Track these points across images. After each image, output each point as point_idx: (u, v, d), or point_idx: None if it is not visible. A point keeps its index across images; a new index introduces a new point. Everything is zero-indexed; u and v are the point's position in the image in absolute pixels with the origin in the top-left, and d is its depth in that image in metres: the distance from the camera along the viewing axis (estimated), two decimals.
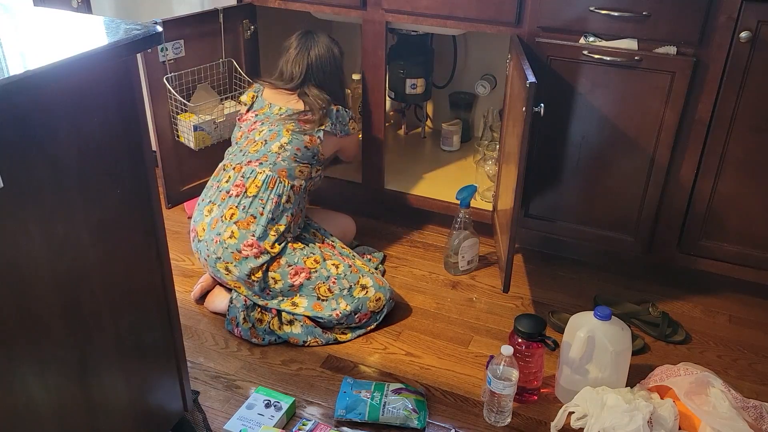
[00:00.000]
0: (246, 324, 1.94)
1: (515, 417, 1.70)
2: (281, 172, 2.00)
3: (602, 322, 1.64)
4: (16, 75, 0.95)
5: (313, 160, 2.08)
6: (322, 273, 1.94)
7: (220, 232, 1.93)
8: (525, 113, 1.69)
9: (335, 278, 1.94)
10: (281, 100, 2.14)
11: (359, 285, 1.95)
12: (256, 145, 2.05)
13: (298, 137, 2.06)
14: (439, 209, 2.37)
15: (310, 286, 1.93)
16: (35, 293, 1.10)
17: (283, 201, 1.98)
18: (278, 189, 1.98)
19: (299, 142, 2.05)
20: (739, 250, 2.00)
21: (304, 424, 1.65)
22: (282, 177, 2.00)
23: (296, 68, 2.13)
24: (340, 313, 1.92)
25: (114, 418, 1.35)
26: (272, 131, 2.06)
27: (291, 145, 2.04)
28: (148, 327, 1.40)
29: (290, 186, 2.01)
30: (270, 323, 1.94)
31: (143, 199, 1.29)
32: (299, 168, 2.04)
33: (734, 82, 1.82)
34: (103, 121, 1.16)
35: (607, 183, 2.06)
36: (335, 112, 2.13)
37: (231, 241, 1.91)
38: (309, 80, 2.14)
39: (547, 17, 1.95)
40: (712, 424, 1.50)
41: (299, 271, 1.93)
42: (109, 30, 1.16)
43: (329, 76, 2.17)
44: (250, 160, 2.02)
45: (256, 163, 2.01)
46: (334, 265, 1.97)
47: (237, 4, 2.32)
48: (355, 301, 1.93)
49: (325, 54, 2.15)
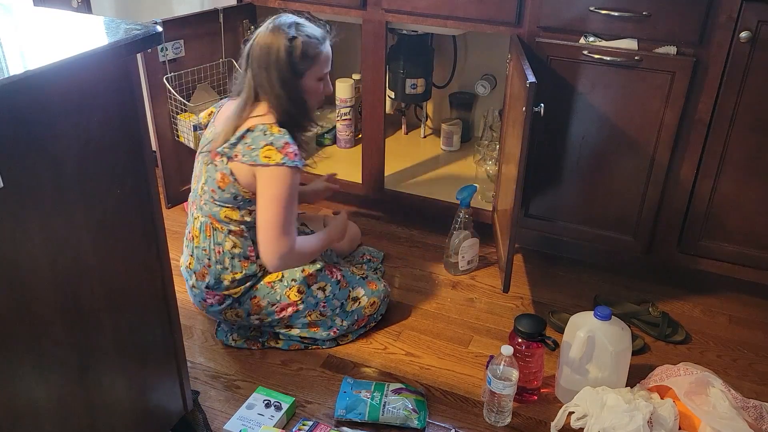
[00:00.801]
0: (239, 342, 1.91)
1: (515, 417, 1.70)
2: (210, 217, 1.72)
3: (602, 322, 1.64)
4: (16, 75, 0.95)
5: (237, 202, 1.68)
6: (310, 302, 1.83)
7: (188, 279, 1.86)
8: (525, 113, 1.69)
9: (324, 302, 1.84)
10: (224, 118, 1.72)
11: (350, 299, 1.88)
12: (194, 181, 1.80)
13: (211, 175, 1.68)
14: (439, 209, 2.37)
15: (301, 316, 1.84)
16: (35, 293, 1.10)
17: (228, 248, 1.72)
18: (216, 237, 1.73)
19: (212, 182, 1.68)
20: (739, 250, 2.00)
21: (304, 424, 1.65)
22: (215, 223, 1.72)
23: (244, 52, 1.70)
24: (337, 330, 1.89)
25: (114, 418, 1.35)
26: (199, 166, 1.76)
27: (207, 185, 1.70)
28: (147, 327, 1.40)
29: (227, 231, 1.71)
30: (266, 341, 1.91)
31: (143, 198, 1.29)
32: (224, 212, 1.69)
33: (734, 82, 1.82)
34: (103, 121, 1.16)
35: (607, 183, 2.06)
36: (244, 130, 1.62)
37: (195, 290, 1.83)
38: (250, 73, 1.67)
39: (547, 17, 1.95)
40: (712, 424, 1.50)
41: (285, 307, 1.82)
42: (109, 30, 1.16)
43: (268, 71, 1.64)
44: (193, 201, 1.80)
45: (195, 207, 1.78)
46: (320, 288, 1.84)
47: (237, 4, 2.32)
48: (350, 314, 1.89)
49: (269, 41, 1.62)
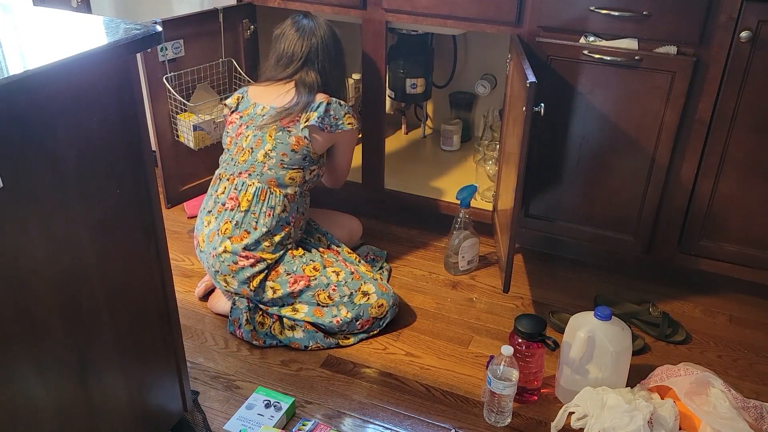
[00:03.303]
0: (248, 326, 1.92)
1: (515, 417, 1.70)
2: (270, 182, 1.90)
3: (602, 322, 1.64)
4: (16, 75, 0.95)
5: (304, 163, 1.93)
6: (322, 280, 1.90)
7: (216, 247, 1.90)
8: (525, 113, 1.69)
9: (335, 285, 1.91)
10: (268, 98, 1.97)
11: (360, 292, 1.92)
12: (244, 153, 1.94)
13: (283, 140, 1.90)
14: (439, 209, 2.37)
15: (310, 293, 1.90)
16: (35, 293, 1.10)
17: (278, 212, 1.90)
18: (270, 201, 1.89)
19: (284, 146, 1.90)
20: (740, 250, 2.00)
21: (304, 424, 1.65)
22: (273, 187, 1.90)
23: (298, 49, 1.95)
24: (340, 320, 1.90)
25: (113, 418, 1.35)
26: (257, 137, 1.93)
27: (275, 151, 1.90)
28: (147, 327, 1.40)
29: (283, 195, 1.90)
30: (271, 327, 1.93)
31: (143, 198, 1.29)
32: (289, 175, 1.91)
33: (734, 81, 1.82)
34: (102, 121, 1.16)
35: (608, 183, 2.06)
36: (325, 104, 1.91)
37: (226, 255, 1.88)
38: (309, 64, 1.96)
39: (548, 17, 1.95)
40: (712, 425, 1.50)
41: (298, 279, 1.90)
42: (109, 30, 1.16)
43: (333, 61, 2.00)
44: (241, 172, 1.92)
45: (245, 175, 1.92)
46: (335, 272, 1.92)
47: (237, 4, 2.32)
48: (356, 307, 1.90)
49: (329, 35, 1.98)
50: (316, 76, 1.96)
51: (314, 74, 1.96)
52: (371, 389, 1.79)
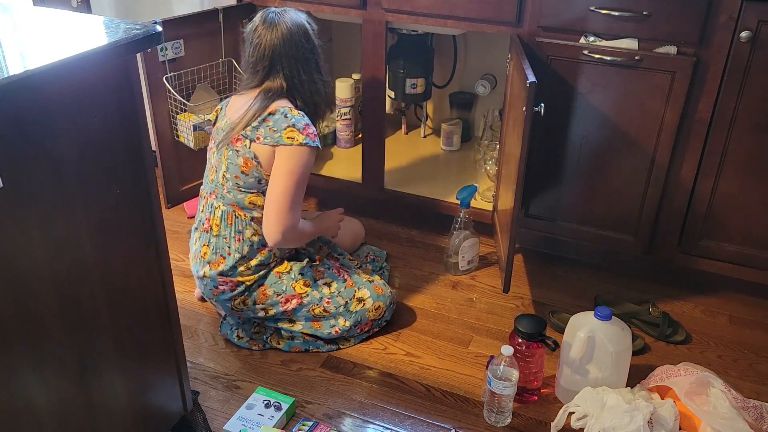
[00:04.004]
0: (242, 339, 1.91)
1: (515, 417, 1.70)
2: (233, 205, 1.76)
3: (602, 322, 1.64)
4: (16, 75, 0.95)
5: (260, 186, 1.75)
6: (314, 296, 1.84)
7: (198, 270, 1.86)
8: (525, 113, 1.69)
9: (329, 298, 1.85)
10: (236, 108, 1.79)
11: (355, 299, 1.88)
12: (212, 172, 1.83)
13: (232, 161, 1.74)
14: (439, 209, 2.37)
15: (304, 309, 1.85)
16: (34, 293, 1.10)
17: (248, 236, 1.77)
18: (237, 225, 1.77)
19: (235, 168, 1.74)
20: (740, 250, 2.00)
21: (304, 424, 1.65)
22: (237, 210, 1.76)
23: (260, 52, 1.75)
24: (339, 330, 1.88)
25: (113, 418, 1.35)
26: (218, 156, 1.80)
27: (229, 173, 1.75)
28: (147, 327, 1.40)
29: (249, 218, 1.77)
30: (269, 338, 1.91)
31: (143, 198, 1.29)
32: (248, 199, 1.75)
33: (734, 81, 1.82)
34: (102, 121, 1.16)
35: (608, 183, 2.06)
36: (267, 113, 1.72)
37: (206, 280, 1.84)
38: (274, 69, 1.76)
39: (548, 17, 1.95)
40: (712, 424, 1.50)
41: (289, 298, 1.83)
42: (109, 30, 1.16)
43: (301, 61, 1.77)
44: (211, 192, 1.83)
45: (213, 196, 1.81)
46: (326, 284, 1.87)
47: (237, 4, 2.32)
48: (354, 315, 1.88)
49: (294, 31, 1.74)
50: (282, 81, 1.77)
51: (280, 80, 1.76)
52: (371, 389, 1.79)
